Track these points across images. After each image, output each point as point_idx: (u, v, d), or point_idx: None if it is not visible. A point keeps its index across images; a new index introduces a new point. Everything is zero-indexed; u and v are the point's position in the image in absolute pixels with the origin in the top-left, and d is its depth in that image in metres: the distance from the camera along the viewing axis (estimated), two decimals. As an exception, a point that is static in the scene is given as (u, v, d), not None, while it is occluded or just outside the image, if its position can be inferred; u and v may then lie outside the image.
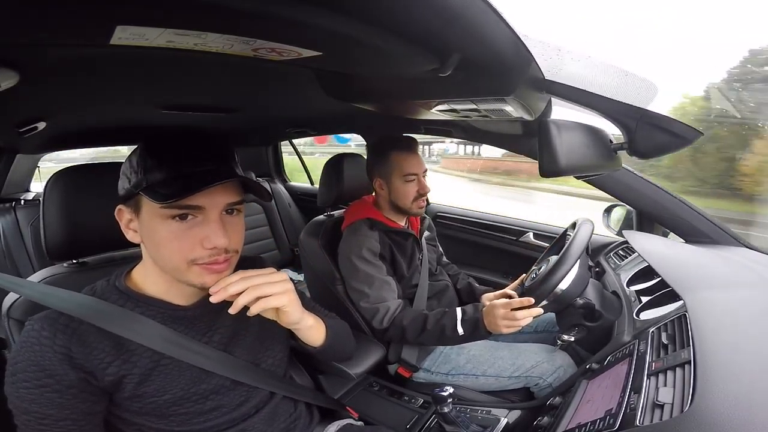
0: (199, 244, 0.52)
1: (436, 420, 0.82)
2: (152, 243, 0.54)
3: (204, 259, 0.53)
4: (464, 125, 1.25)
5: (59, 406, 0.50)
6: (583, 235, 0.89)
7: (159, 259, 0.55)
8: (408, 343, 1.05)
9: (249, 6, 0.35)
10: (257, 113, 1.27)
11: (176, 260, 0.53)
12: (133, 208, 0.54)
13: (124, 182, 0.54)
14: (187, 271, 0.53)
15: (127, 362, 0.53)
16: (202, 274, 0.54)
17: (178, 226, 0.52)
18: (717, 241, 1.04)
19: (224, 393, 0.61)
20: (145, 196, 0.51)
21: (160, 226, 0.52)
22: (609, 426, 0.53)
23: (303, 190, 2.52)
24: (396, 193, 1.09)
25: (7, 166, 1.71)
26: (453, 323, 0.95)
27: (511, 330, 0.88)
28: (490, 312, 0.90)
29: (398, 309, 1.03)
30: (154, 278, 0.58)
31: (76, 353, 0.50)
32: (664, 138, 0.65)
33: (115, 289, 0.57)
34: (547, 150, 0.63)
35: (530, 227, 1.61)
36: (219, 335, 0.62)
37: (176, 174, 0.51)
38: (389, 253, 1.09)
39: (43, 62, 0.53)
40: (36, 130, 0.97)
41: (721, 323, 0.60)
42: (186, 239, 0.52)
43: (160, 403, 0.55)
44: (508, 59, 0.55)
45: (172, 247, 0.52)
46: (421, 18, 0.41)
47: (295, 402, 0.74)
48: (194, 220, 0.52)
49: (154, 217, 0.52)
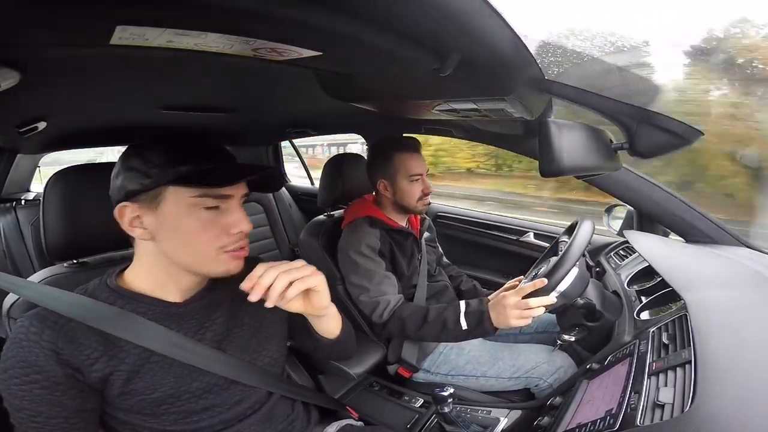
0: (225, 232, 0.56)
1: (436, 420, 0.82)
2: (177, 234, 0.55)
3: (231, 246, 0.57)
4: (464, 125, 1.25)
5: (49, 403, 0.50)
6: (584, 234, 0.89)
7: (183, 251, 0.56)
8: (408, 338, 1.03)
9: (249, 6, 0.35)
10: (257, 113, 1.27)
11: (206, 249, 0.56)
12: (145, 204, 0.54)
13: (134, 179, 0.54)
14: (215, 259, 0.57)
15: (114, 359, 0.53)
16: (228, 261, 0.57)
17: (208, 215, 0.55)
18: (717, 240, 1.03)
19: (217, 392, 0.60)
20: (180, 186, 0.52)
21: (188, 216, 0.54)
22: (609, 426, 0.53)
23: (303, 190, 2.52)
24: (401, 193, 1.09)
25: (7, 166, 1.71)
26: (456, 316, 0.91)
27: (522, 322, 0.82)
28: (499, 303, 0.86)
29: (399, 303, 1.02)
30: (148, 275, 0.59)
31: (63, 349, 0.51)
32: (664, 138, 0.65)
33: (106, 287, 0.58)
34: (547, 150, 0.63)
35: (531, 227, 1.61)
36: (212, 332, 0.62)
37: (207, 166, 0.54)
38: (389, 251, 1.09)
39: (43, 62, 0.53)
40: (36, 130, 0.97)
41: (721, 323, 0.60)
42: (215, 227, 0.55)
43: (149, 401, 0.55)
44: (508, 59, 0.55)
45: (204, 236, 0.55)
46: (421, 18, 0.41)
47: (293, 402, 0.73)
48: (221, 209, 0.56)
49: (183, 209, 0.54)
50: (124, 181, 0.54)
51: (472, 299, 0.95)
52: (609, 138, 0.74)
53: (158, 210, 0.54)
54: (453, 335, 0.92)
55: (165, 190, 0.53)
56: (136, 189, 0.54)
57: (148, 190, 0.53)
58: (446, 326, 0.92)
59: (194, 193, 0.53)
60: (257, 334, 0.67)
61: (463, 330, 0.90)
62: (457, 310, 0.92)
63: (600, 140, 0.71)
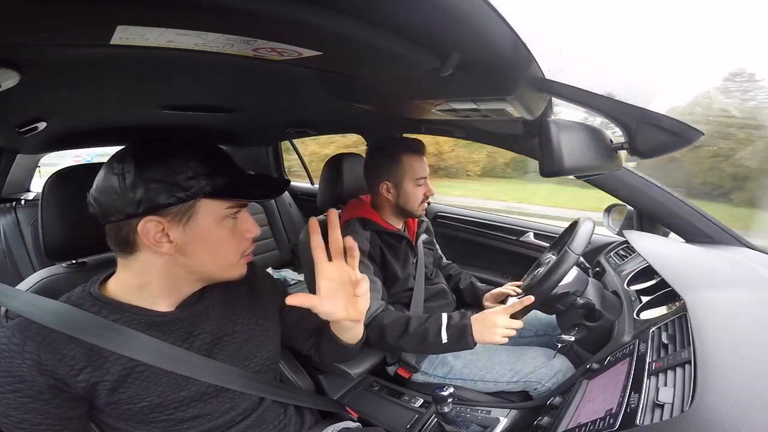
0: (242, 238, 0.59)
1: (436, 420, 0.82)
2: (207, 246, 0.56)
3: (248, 250, 0.61)
4: (464, 125, 1.25)
5: (33, 411, 0.50)
6: (584, 234, 0.89)
7: (211, 261, 0.57)
8: (388, 347, 0.96)
9: (249, 6, 0.35)
10: (257, 113, 1.27)
11: (233, 256, 0.59)
12: (176, 217, 0.52)
13: (163, 191, 0.51)
14: (237, 264, 0.60)
15: (99, 369, 0.52)
16: (244, 265, 0.61)
17: (233, 224, 0.57)
18: (717, 240, 1.04)
19: (207, 400, 0.59)
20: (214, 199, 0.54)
21: (218, 227, 0.55)
22: (609, 426, 0.53)
23: (303, 190, 2.52)
24: (406, 197, 1.06)
25: (7, 166, 1.71)
26: (437, 328, 0.87)
27: (505, 340, 0.82)
28: (487, 319, 0.84)
29: (379, 309, 0.96)
30: (142, 288, 0.57)
31: (45, 360, 0.50)
32: (664, 138, 0.65)
33: (89, 296, 0.56)
34: (548, 150, 0.63)
35: (530, 227, 1.61)
36: (200, 341, 0.60)
37: (239, 179, 0.57)
38: (379, 255, 1.06)
39: (43, 62, 0.53)
40: (36, 130, 0.97)
41: (721, 323, 0.60)
42: (237, 235, 0.58)
43: (136, 409, 0.54)
44: (509, 59, 0.55)
45: (231, 244, 0.58)
46: (421, 18, 0.41)
47: (285, 407, 0.72)
48: (237, 217, 0.58)
49: (214, 219, 0.55)
50: (149, 194, 0.50)
51: (455, 312, 0.91)
52: (609, 138, 0.74)
53: (189, 223, 0.53)
54: (433, 348, 0.89)
55: (197, 202, 0.53)
56: (169, 203, 0.51)
57: (182, 203, 0.52)
58: (426, 338, 0.87)
59: (227, 204, 0.55)
60: (250, 340, 0.66)
61: (442, 344, 0.86)
62: (438, 322, 0.88)
63: (600, 140, 0.71)
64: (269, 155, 2.45)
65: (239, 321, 0.65)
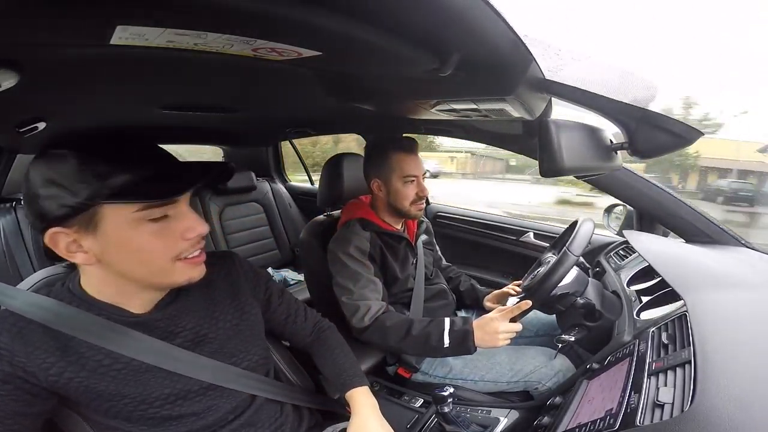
0: (180, 238, 0.52)
1: (436, 420, 0.82)
2: (126, 253, 0.50)
3: (188, 252, 0.53)
4: (464, 125, 1.25)
5: None
6: (584, 234, 0.89)
7: (136, 269, 0.52)
8: (390, 348, 1.00)
9: (249, 6, 0.35)
10: (257, 113, 1.27)
11: (161, 261, 0.52)
12: (82, 226, 0.48)
13: (55, 201, 0.46)
14: (172, 269, 0.53)
15: (73, 364, 0.51)
16: (187, 269, 0.54)
17: (157, 226, 0.51)
18: (717, 240, 1.04)
19: (193, 398, 0.58)
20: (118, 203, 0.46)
21: (135, 232, 0.49)
22: (609, 426, 0.53)
23: (303, 190, 2.52)
24: (395, 194, 1.07)
25: (7, 166, 1.71)
26: (440, 332, 0.90)
27: (506, 343, 0.85)
28: (488, 326, 0.86)
29: (381, 310, 0.98)
30: (104, 287, 0.55)
31: (18, 352, 0.49)
32: (664, 138, 0.65)
33: (68, 292, 0.55)
34: (547, 150, 0.63)
35: (530, 227, 1.61)
36: (181, 339, 0.59)
37: (144, 175, 0.48)
38: (379, 255, 1.07)
39: (43, 62, 0.53)
40: (36, 130, 0.97)
41: (721, 323, 0.60)
42: (168, 236, 0.52)
43: (120, 406, 0.53)
44: (508, 59, 0.55)
45: (156, 249, 0.51)
46: (421, 18, 0.40)
47: (281, 406, 0.70)
48: (170, 216, 0.52)
49: (126, 224, 0.48)
50: (42, 205, 0.46)
51: (457, 317, 0.94)
52: (609, 138, 0.74)
53: (98, 231, 0.48)
54: (434, 351, 0.92)
55: (100, 209, 0.47)
56: (64, 213, 0.46)
57: (77, 214, 0.46)
58: (429, 342, 0.90)
59: (135, 207, 0.48)
60: (236, 336, 0.64)
61: (444, 347, 0.89)
62: (441, 327, 0.91)
63: (600, 140, 0.71)
64: (269, 155, 2.46)
65: (221, 317, 0.63)
